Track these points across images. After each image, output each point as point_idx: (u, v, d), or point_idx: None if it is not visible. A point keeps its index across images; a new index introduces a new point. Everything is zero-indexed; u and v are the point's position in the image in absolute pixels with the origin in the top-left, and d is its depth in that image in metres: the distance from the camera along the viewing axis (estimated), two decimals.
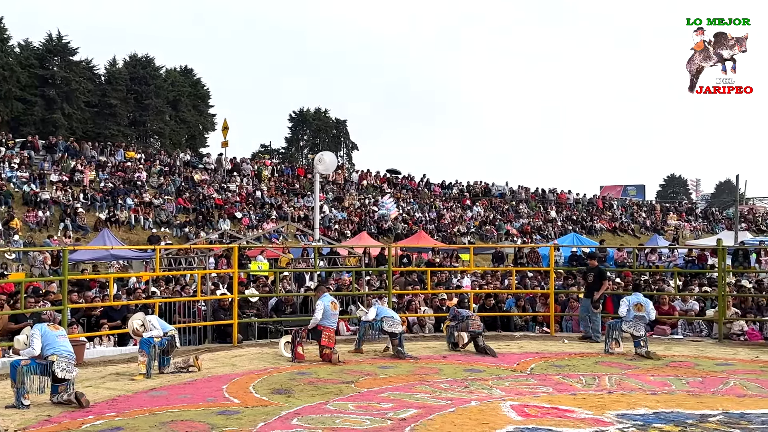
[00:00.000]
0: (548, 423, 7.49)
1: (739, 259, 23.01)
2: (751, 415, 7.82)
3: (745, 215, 55.05)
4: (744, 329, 14.42)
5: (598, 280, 14.10)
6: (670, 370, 10.77)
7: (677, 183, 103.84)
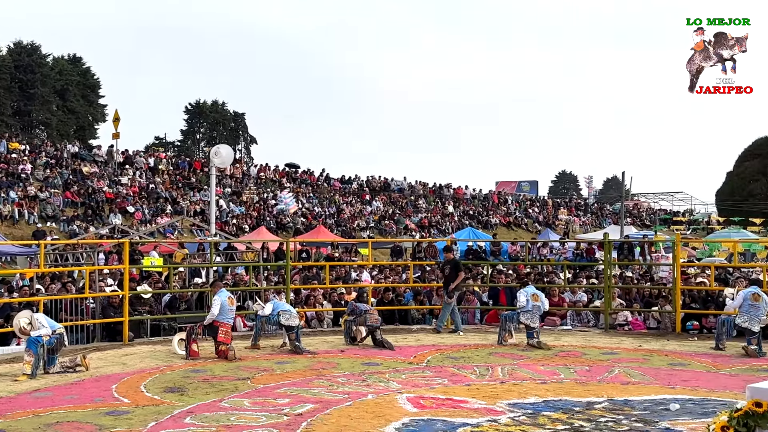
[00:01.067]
0: (443, 414, 7.61)
1: (624, 253, 24.05)
2: (634, 402, 8.19)
3: (631, 210, 57.77)
4: (628, 319, 15.10)
5: (454, 272, 14.40)
6: (560, 360, 11.15)
7: (568, 179, 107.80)
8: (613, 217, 54.83)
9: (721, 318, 12.79)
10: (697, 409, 7.77)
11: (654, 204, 74.72)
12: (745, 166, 58.88)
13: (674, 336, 13.92)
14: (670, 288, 15.08)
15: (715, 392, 8.74)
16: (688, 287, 15.31)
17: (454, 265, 14.59)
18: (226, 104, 75.86)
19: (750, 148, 60.46)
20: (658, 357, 11.49)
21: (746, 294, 12.06)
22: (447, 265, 14.72)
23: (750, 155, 59.55)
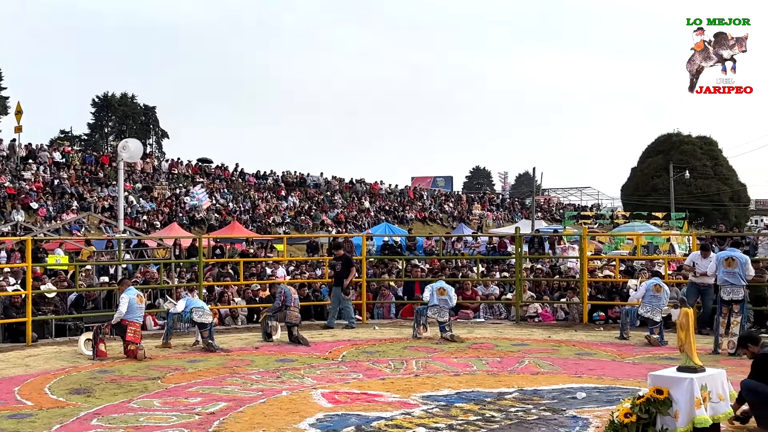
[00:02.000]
0: (357, 408, 7.63)
1: (534, 246, 24.65)
2: (543, 391, 8.41)
3: (542, 205, 59.31)
4: (538, 311, 15.51)
5: (346, 268, 14.37)
6: (472, 352, 11.35)
7: (482, 175, 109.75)
8: (525, 211, 56.19)
9: (624, 309, 13.29)
10: (602, 397, 8.04)
11: (563, 199, 76.95)
12: (649, 162, 61.30)
13: (581, 327, 14.38)
14: (577, 280, 15.56)
15: (619, 380, 9.07)
16: (594, 279, 15.83)
17: (346, 261, 14.52)
18: (135, 97, 73.85)
19: (653, 145, 62.99)
20: (566, 347, 11.84)
21: (648, 285, 12.55)
22: (338, 261, 14.61)
23: (653, 152, 62.04)
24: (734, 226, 51.40)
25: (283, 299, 12.49)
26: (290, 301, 12.48)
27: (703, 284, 12.84)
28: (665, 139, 62.17)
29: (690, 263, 13.26)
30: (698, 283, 12.94)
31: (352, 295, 14.49)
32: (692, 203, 55.56)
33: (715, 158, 61.19)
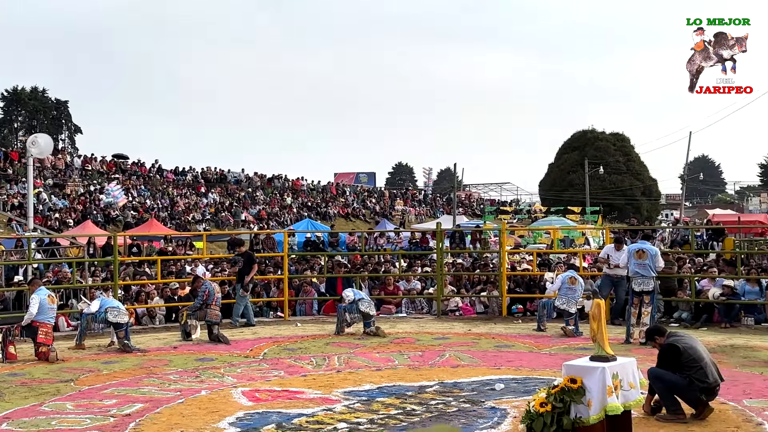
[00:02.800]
0: (278, 406, 7.57)
1: (456, 241, 25.01)
2: (463, 383, 8.53)
3: (463, 201, 60.10)
4: (459, 305, 15.73)
5: (248, 264, 14.24)
6: (394, 347, 11.41)
7: (405, 171, 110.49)
8: (447, 207, 56.83)
9: (541, 301, 13.62)
10: (520, 388, 8.22)
11: (484, 194, 78.22)
12: (565, 158, 62.88)
13: (501, 319, 14.66)
14: (497, 274, 15.84)
15: (536, 371, 9.29)
16: (513, 273, 16.15)
17: (248, 258, 14.37)
18: (47, 91, 71.15)
19: (569, 141, 64.64)
20: (486, 340, 12.05)
21: (564, 278, 12.89)
22: (240, 258, 14.47)
23: (569, 148, 63.67)
24: (646, 219, 53.40)
25: (205, 297, 12.28)
26: (212, 299, 12.28)
27: (617, 276, 13.31)
28: (580, 136, 63.88)
29: (604, 255, 13.68)
30: (612, 274, 13.39)
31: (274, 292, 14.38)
32: (606, 198, 57.32)
33: (627, 154, 63.23)
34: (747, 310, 13.61)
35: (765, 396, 7.69)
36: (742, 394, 7.75)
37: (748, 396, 7.67)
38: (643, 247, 11.92)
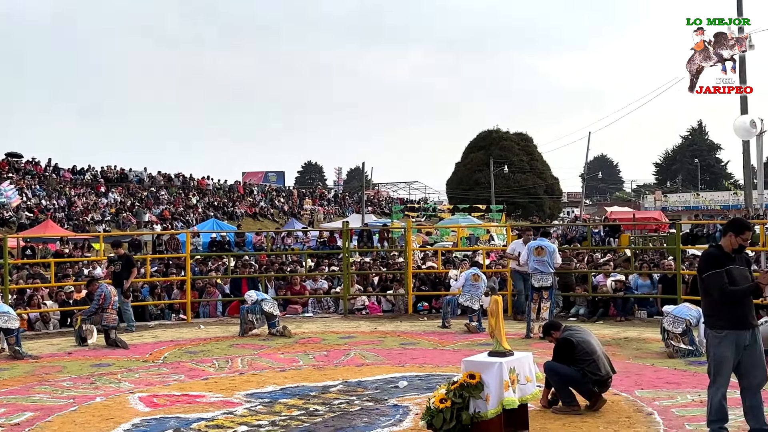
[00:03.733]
0: (177, 411, 7.37)
1: (363, 240, 25.09)
2: (367, 382, 8.54)
3: (372, 200, 60.39)
4: (366, 304, 15.76)
5: (127, 268, 13.72)
6: (300, 347, 11.32)
7: (314, 170, 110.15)
8: (356, 206, 56.96)
9: (446, 298, 13.78)
10: (423, 385, 8.29)
11: (393, 193, 78.84)
12: (471, 158, 64.07)
13: (407, 317, 14.77)
14: (403, 272, 15.95)
15: (440, 368, 9.39)
16: (418, 271, 16.31)
17: (126, 261, 13.83)
18: None
19: (475, 141, 65.90)
20: (391, 338, 12.11)
21: (467, 275, 13.09)
22: (118, 261, 13.92)
23: (475, 147, 64.92)
24: (548, 217, 55.06)
25: (101, 301, 11.84)
26: (108, 303, 11.86)
27: (526, 271, 13.36)
28: (486, 135, 65.23)
29: (512, 251, 13.88)
30: (521, 270, 13.47)
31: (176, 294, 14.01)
32: (511, 196, 58.79)
33: (531, 154, 65.00)
34: (640, 304, 14.19)
35: (655, 386, 8.01)
36: (634, 385, 8.06)
37: (639, 387, 7.98)
38: (542, 244, 12.24)
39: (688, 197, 64.25)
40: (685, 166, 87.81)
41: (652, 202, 64.05)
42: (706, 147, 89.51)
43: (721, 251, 5.74)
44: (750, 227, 5.95)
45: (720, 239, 5.92)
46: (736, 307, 5.61)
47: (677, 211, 55.56)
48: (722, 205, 55.04)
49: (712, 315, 5.73)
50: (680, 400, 7.35)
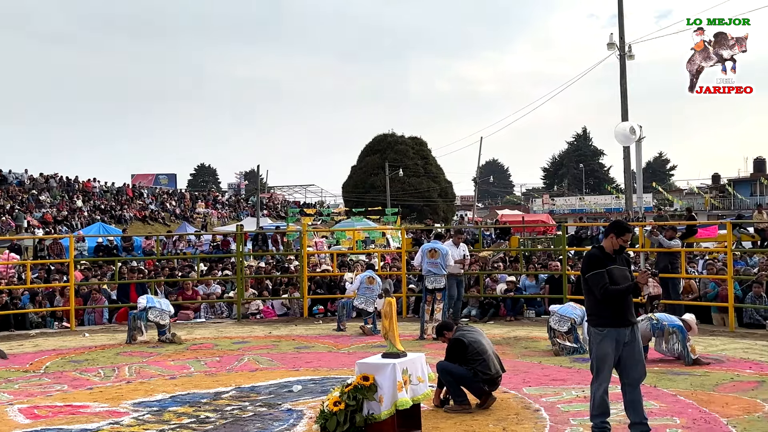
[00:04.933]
0: (59, 422, 7.04)
1: (258, 243, 24.75)
2: (261, 387, 8.42)
3: (267, 203, 59.69)
4: (260, 308, 15.57)
5: None
6: (191, 353, 11.05)
7: (208, 172, 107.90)
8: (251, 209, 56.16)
9: (341, 301, 13.80)
10: (317, 388, 8.25)
11: (289, 196, 78.23)
12: (367, 161, 64.50)
13: (302, 321, 14.70)
14: (298, 276, 15.85)
15: (334, 371, 9.38)
16: (314, 274, 16.25)
17: None
18: None
19: (371, 144, 66.39)
20: (286, 342, 12.01)
21: (362, 278, 13.15)
22: None
23: (371, 151, 65.40)
24: (442, 220, 56.01)
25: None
26: None
27: (459, 274, 13.14)
28: (381, 139, 65.80)
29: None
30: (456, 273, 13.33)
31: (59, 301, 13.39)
32: (406, 200, 59.53)
33: (425, 158, 66.05)
34: (529, 304, 14.65)
35: (542, 383, 8.28)
36: (522, 382, 8.30)
37: (527, 384, 8.22)
38: (435, 246, 12.44)
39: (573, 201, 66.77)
40: (571, 170, 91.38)
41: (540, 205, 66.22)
42: (590, 153, 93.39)
43: (603, 252, 5.99)
44: (630, 229, 6.23)
45: (602, 240, 6.18)
46: (616, 305, 5.85)
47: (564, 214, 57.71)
48: (605, 208, 57.51)
49: (594, 313, 5.96)
50: (565, 396, 7.62)
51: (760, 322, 12.29)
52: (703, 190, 57.04)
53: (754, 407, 6.95)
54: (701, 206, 51.78)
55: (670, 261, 13.33)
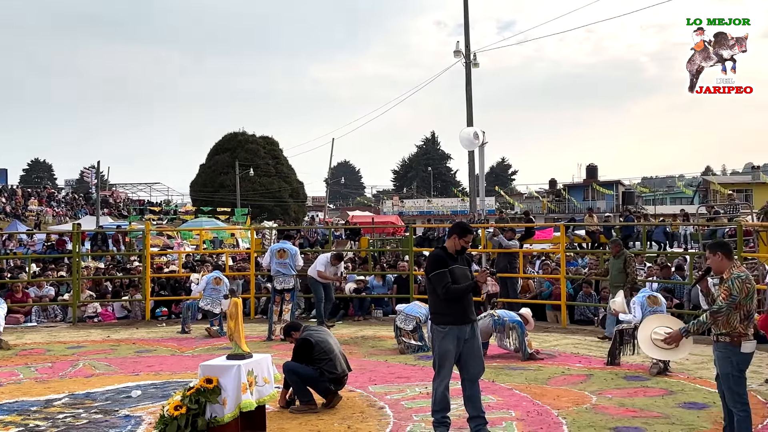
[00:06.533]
0: None
1: (98, 243, 23.57)
2: (96, 393, 8.01)
3: (108, 201, 56.99)
4: (98, 311, 14.83)
5: None
6: (20, 359, 10.36)
7: (42, 168, 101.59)
8: (90, 207, 53.41)
9: (185, 303, 13.41)
10: (158, 393, 7.95)
11: (132, 194, 75.09)
12: (216, 160, 63.07)
13: (144, 324, 14.15)
14: (140, 277, 15.23)
15: (177, 374, 9.09)
16: (157, 275, 15.69)
17: None
18: None
19: (221, 143, 64.97)
20: (126, 346, 11.51)
21: (209, 278, 12.85)
22: None
23: (221, 149, 64.02)
24: (293, 221, 55.78)
25: None
26: None
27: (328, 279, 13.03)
28: (231, 137, 64.59)
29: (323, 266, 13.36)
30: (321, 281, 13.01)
31: None
32: (257, 200, 58.77)
33: (276, 157, 65.49)
34: (377, 304, 14.88)
35: (388, 381, 8.42)
36: (369, 381, 8.40)
37: (373, 382, 8.34)
38: (284, 246, 12.35)
39: (422, 203, 68.52)
40: (420, 173, 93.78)
41: (390, 206, 67.46)
42: (438, 156, 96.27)
43: (446, 252, 6.17)
44: (471, 231, 6.46)
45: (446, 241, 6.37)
46: (457, 303, 6.04)
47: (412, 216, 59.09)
48: (452, 211, 59.45)
49: (436, 312, 6.13)
50: (409, 393, 7.79)
51: (591, 319, 13.14)
52: (541, 195, 60.21)
53: (582, 399, 7.40)
54: (539, 210, 54.73)
55: (509, 261, 13.98)
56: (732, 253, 5.54)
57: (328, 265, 12.96)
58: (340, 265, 13.31)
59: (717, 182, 44.75)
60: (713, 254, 5.48)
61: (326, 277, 12.86)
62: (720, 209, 22.99)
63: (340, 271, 13.31)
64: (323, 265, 12.91)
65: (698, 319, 5.60)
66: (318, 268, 12.80)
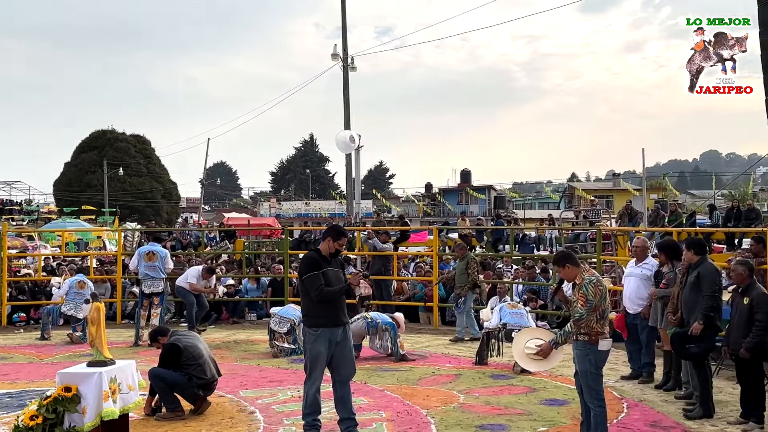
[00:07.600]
0: None
1: None
2: None
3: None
4: None
5: None
6: None
7: None
8: None
9: (46, 308, 12.74)
10: (13, 403, 7.52)
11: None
12: (83, 158, 60.25)
13: (0, 330, 13.33)
14: None
15: (35, 383, 8.61)
16: (15, 279, 14.85)
17: None
18: None
19: (87, 140, 62.11)
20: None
21: (72, 282, 12.25)
22: None
23: (88, 147, 61.19)
24: (166, 222, 54.14)
25: None
26: None
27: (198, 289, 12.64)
28: (99, 135, 61.91)
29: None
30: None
31: None
32: (127, 200, 56.62)
33: (148, 157, 63.31)
34: (250, 307, 14.67)
35: (259, 386, 8.32)
36: (240, 385, 8.27)
37: (244, 387, 8.21)
38: (154, 249, 11.97)
39: (300, 205, 68.17)
40: (298, 175, 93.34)
41: (267, 209, 66.72)
42: (316, 159, 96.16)
43: (320, 254, 6.17)
44: (346, 234, 6.49)
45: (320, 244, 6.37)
46: (330, 306, 6.06)
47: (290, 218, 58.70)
48: (330, 213, 59.43)
49: (309, 314, 6.12)
50: (281, 396, 7.74)
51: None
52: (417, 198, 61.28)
53: (450, 398, 7.59)
54: (415, 213, 55.69)
55: (384, 264, 14.15)
56: (576, 259, 5.83)
57: (200, 278, 12.54)
58: (211, 278, 12.98)
59: (581, 188, 47.11)
60: (561, 267, 5.78)
61: (197, 289, 12.49)
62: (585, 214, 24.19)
63: (212, 284, 12.99)
64: (195, 278, 12.48)
65: (564, 329, 5.90)
66: (189, 280, 12.39)
